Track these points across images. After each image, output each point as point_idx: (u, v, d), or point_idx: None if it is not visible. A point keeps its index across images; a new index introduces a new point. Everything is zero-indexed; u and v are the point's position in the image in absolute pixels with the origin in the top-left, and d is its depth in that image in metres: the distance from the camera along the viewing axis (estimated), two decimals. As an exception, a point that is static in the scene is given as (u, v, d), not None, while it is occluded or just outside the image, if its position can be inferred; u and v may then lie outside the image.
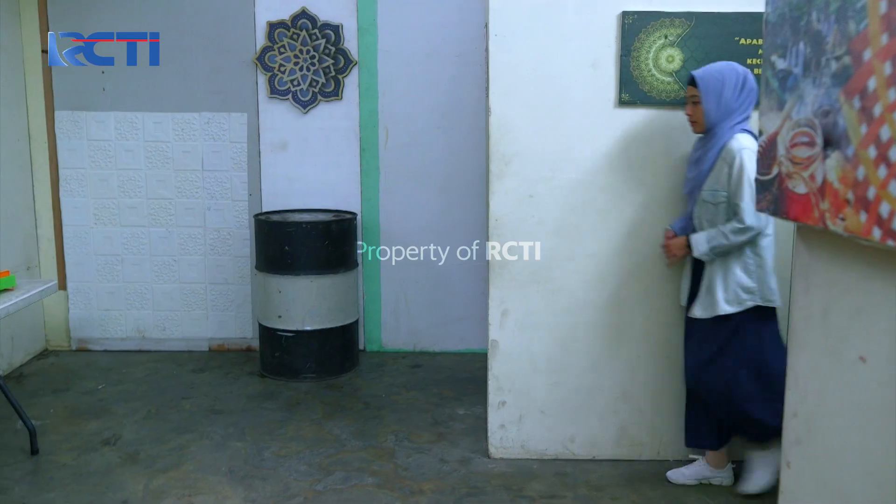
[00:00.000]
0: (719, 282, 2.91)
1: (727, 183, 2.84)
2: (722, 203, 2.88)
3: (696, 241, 2.94)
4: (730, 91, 2.86)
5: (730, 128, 2.87)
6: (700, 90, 2.89)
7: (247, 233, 4.80)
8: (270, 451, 3.50)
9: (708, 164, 2.91)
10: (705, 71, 2.91)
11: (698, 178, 2.96)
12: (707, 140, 2.95)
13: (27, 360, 4.73)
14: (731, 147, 2.84)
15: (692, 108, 2.95)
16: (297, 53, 4.64)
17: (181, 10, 4.63)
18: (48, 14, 4.64)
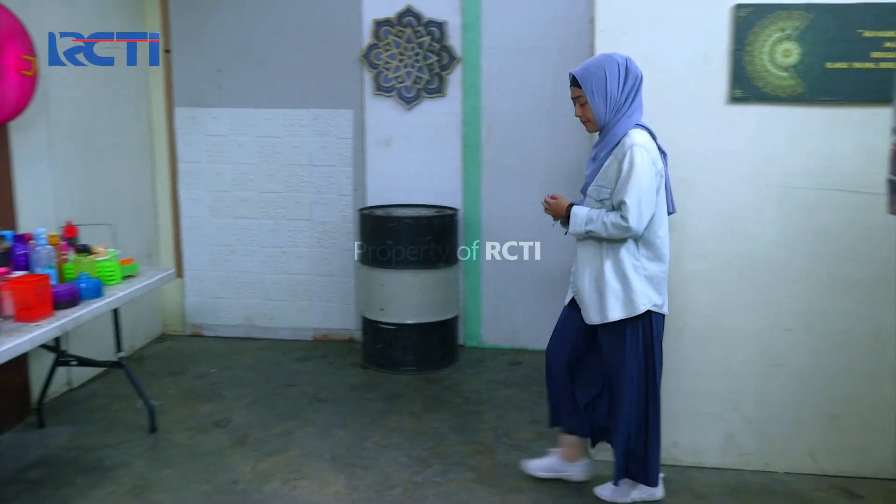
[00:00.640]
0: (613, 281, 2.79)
1: (614, 179, 2.72)
2: (605, 200, 2.78)
3: (576, 216, 2.83)
4: (613, 83, 2.72)
5: (624, 124, 2.74)
6: (584, 89, 2.76)
7: (351, 227, 4.92)
8: (371, 441, 3.58)
9: (600, 162, 2.81)
10: (584, 68, 2.77)
11: (591, 175, 2.86)
12: (602, 138, 2.83)
13: (147, 344, 5.01)
14: (624, 143, 2.72)
15: (580, 110, 2.82)
16: (401, 51, 4.71)
17: (292, 10, 4.78)
18: (169, 14, 4.88)
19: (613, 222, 2.71)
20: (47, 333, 2.70)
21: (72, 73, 4.07)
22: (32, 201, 3.84)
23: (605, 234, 2.74)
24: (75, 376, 4.21)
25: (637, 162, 2.65)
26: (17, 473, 3.26)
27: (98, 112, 4.40)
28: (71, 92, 4.11)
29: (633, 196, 2.66)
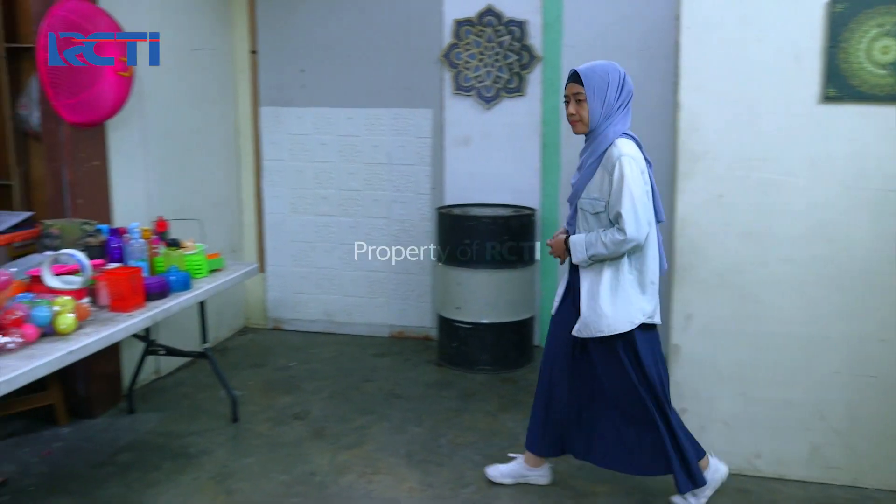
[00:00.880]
0: (607, 296, 2.74)
1: (608, 192, 2.70)
2: (601, 213, 2.74)
3: (575, 246, 2.80)
4: (613, 91, 2.72)
5: (612, 131, 2.72)
6: (585, 87, 2.72)
7: (429, 225, 4.95)
8: (446, 439, 3.60)
9: (588, 172, 2.77)
10: (590, 68, 2.75)
11: (579, 185, 2.82)
12: (589, 144, 2.80)
13: (230, 336, 5.17)
14: (611, 154, 2.70)
15: (576, 107, 2.76)
16: (481, 50, 4.71)
17: (375, 11, 4.85)
18: (256, 17, 5.03)
19: (612, 239, 2.68)
20: (139, 323, 2.82)
21: (165, 74, 4.24)
22: (127, 197, 4.01)
23: (608, 252, 2.71)
24: (163, 365, 4.39)
25: (626, 172, 2.65)
26: (108, 456, 3.41)
27: (188, 112, 4.57)
28: (164, 93, 4.27)
29: (627, 206, 2.65)
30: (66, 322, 2.51)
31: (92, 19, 3.51)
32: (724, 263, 3.12)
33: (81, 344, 2.49)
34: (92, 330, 2.61)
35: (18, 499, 3.04)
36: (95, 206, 3.75)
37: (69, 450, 3.48)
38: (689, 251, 3.15)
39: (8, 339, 2.34)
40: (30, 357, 2.33)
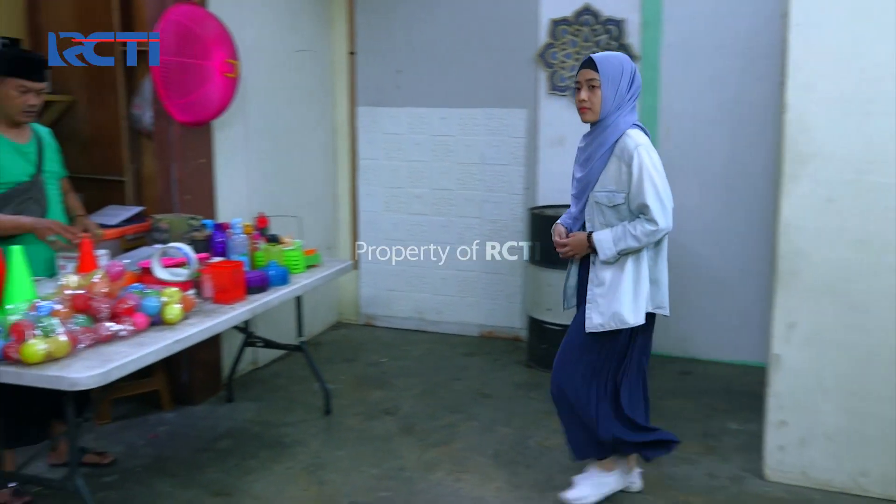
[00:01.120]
0: (629, 288, 2.72)
1: (627, 184, 2.67)
2: (621, 205, 2.71)
3: (602, 243, 2.71)
4: (625, 81, 2.70)
5: (623, 122, 2.70)
6: (600, 74, 2.67)
7: (521, 226, 4.94)
8: (534, 441, 3.58)
9: (599, 163, 2.73)
10: (605, 56, 2.72)
11: (589, 177, 2.76)
12: (596, 135, 2.76)
13: (323, 330, 5.30)
14: (627, 145, 2.67)
15: (588, 93, 2.71)
16: (578, 50, 4.66)
17: (471, 12, 4.87)
18: (355, 19, 5.13)
19: (644, 230, 2.65)
20: (240, 316, 2.92)
21: (267, 76, 4.39)
22: (230, 193, 4.17)
23: (640, 244, 2.67)
24: (260, 356, 4.54)
25: (646, 162, 2.63)
26: (208, 442, 3.55)
27: (288, 112, 4.70)
28: (266, 93, 4.42)
29: (652, 196, 2.63)
30: (174, 312, 2.63)
31: (202, 22, 3.67)
32: (831, 271, 2.98)
33: (187, 333, 2.60)
34: (196, 320, 2.72)
35: (125, 478, 3.21)
36: (201, 202, 3.91)
37: (172, 434, 3.64)
38: (794, 256, 3.02)
39: (121, 327, 2.47)
40: (140, 344, 2.45)
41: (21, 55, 2.98)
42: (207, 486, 3.16)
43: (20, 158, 2.95)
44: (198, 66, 3.65)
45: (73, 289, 2.48)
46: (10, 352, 2.21)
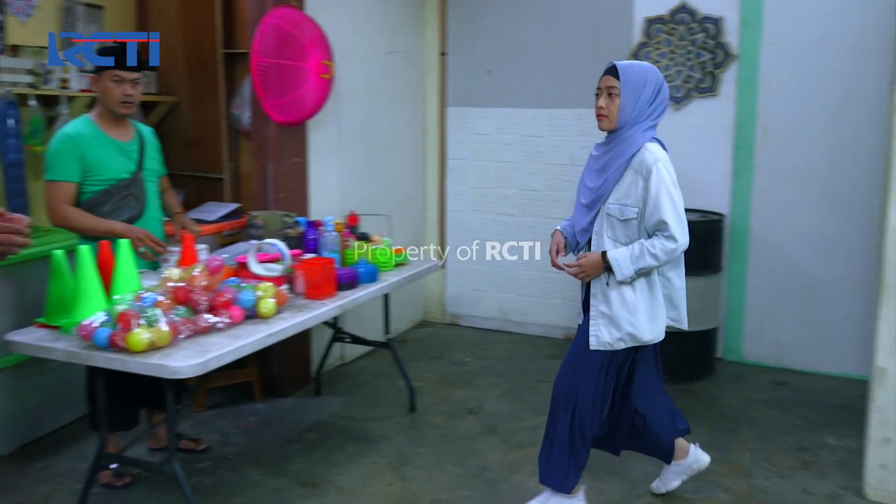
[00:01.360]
0: (648, 304, 2.66)
1: (642, 198, 2.58)
2: (632, 220, 2.61)
3: (619, 263, 2.59)
4: (648, 94, 2.59)
5: (640, 134, 2.60)
6: (621, 83, 2.58)
7: (609, 228, 4.86)
8: (619, 447, 3.53)
9: (615, 175, 2.62)
10: (629, 64, 2.62)
11: (604, 188, 2.65)
12: (613, 145, 2.66)
13: (409, 328, 5.36)
14: (646, 159, 2.56)
15: (606, 101, 2.62)
16: (672, 49, 4.56)
17: (563, 11, 4.83)
18: (447, 19, 5.16)
19: (664, 248, 2.56)
20: (330, 311, 2.99)
21: (360, 77, 4.47)
22: (322, 191, 4.27)
23: (658, 263, 2.58)
24: (347, 352, 4.63)
25: (665, 177, 2.55)
26: (297, 434, 3.65)
27: (379, 112, 4.78)
28: (358, 94, 4.50)
29: (670, 212, 2.54)
30: (268, 306, 2.71)
31: (300, 25, 3.77)
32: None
33: (280, 327, 2.68)
34: (289, 315, 2.80)
35: (218, 465, 3.33)
36: (295, 200, 4.02)
37: (263, 424, 3.76)
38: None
39: (218, 319, 2.56)
40: (236, 336, 2.54)
41: (112, 47, 3.06)
42: (295, 476, 3.24)
43: (122, 156, 3.08)
44: (295, 68, 3.75)
45: (175, 281, 2.59)
46: (117, 339, 2.33)
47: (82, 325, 2.40)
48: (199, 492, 3.06)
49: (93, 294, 2.53)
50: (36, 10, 3.80)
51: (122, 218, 3.03)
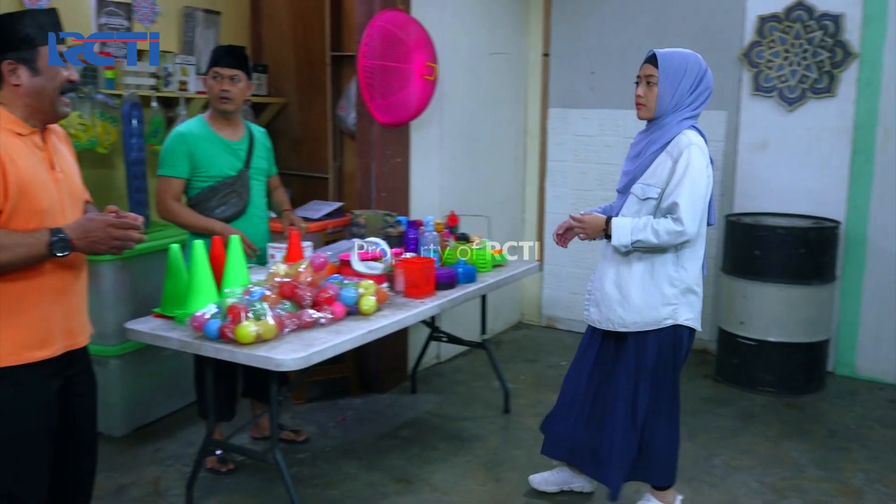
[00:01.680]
0: (652, 291, 2.61)
1: (666, 178, 2.54)
2: (651, 200, 2.58)
3: (619, 228, 2.59)
4: (688, 83, 2.56)
5: (677, 123, 2.57)
6: (660, 71, 2.56)
7: (714, 233, 4.71)
8: (721, 459, 3.42)
9: (648, 159, 2.60)
10: (669, 53, 2.59)
11: (636, 171, 2.63)
12: (650, 132, 2.64)
13: (505, 330, 5.35)
14: (680, 142, 2.54)
15: (645, 89, 2.61)
16: (787, 48, 4.37)
17: (671, 11, 4.71)
18: (550, 20, 5.13)
19: (667, 228, 2.51)
20: (428, 310, 3.02)
21: (463, 78, 4.50)
22: (423, 191, 4.32)
23: (657, 241, 2.54)
24: (443, 351, 4.67)
25: (694, 162, 2.50)
26: (392, 430, 3.71)
27: (481, 113, 4.79)
28: (461, 95, 4.53)
29: (686, 197, 2.49)
30: (369, 304, 2.77)
31: (405, 28, 3.83)
32: None
33: (380, 325, 2.73)
34: (389, 312, 2.85)
35: (316, 456, 3.42)
36: (396, 199, 4.09)
37: (359, 419, 3.84)
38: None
39: (321, 315, 2.63)
40: (337, 332, 2.61)
41: (220, 46, 3.22)
42: (390, 471, 3.30)
43: (229, 154, 3.19)
44: (400, 70, 3.81)
45: (282, 277, 2.68)
46: (227, 331, 2.43)
47: (195, 316, 2.51)
48: (298, 481, 3.15)
49: (205, 287, 2.65)
50: (159, 17, 4.01)
51: (226, 213, 3.15)
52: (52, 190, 1.96)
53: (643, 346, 2.69)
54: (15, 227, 1.87)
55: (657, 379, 2.71)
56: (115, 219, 1.95)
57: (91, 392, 2.20)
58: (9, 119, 1.91)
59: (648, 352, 2.69)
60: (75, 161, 2.16)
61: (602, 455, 2.80)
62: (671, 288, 2.63)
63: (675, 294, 2.63)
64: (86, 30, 3.66)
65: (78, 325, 2.10)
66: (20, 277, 1.90)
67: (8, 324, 1.91)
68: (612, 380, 2.78)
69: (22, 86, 1.92)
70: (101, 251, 1.96)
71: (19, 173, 1.86)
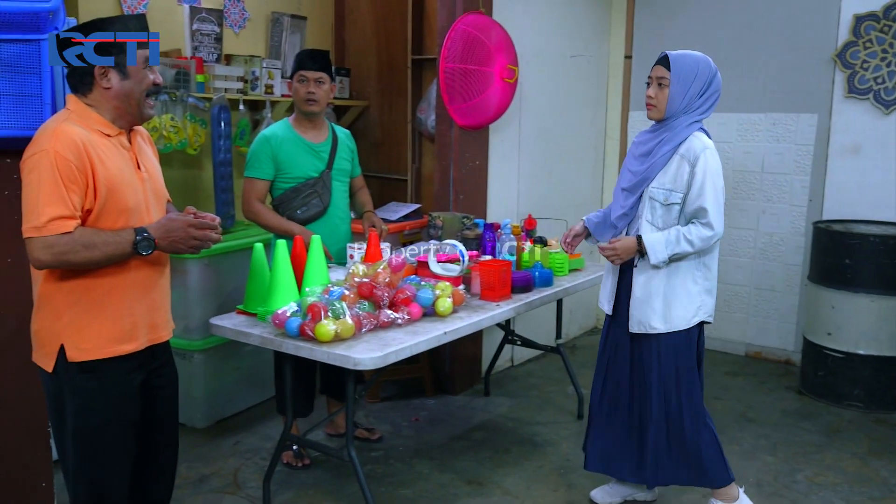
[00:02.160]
0: (679, 290, 2.66)
1: (686, 184, 2.60)
2: (675, 205, 2.63)
3: (653, 246, 2.61)
4: (698, 84, 2.62)
5: (687, 125, 2.63)
6: (671, 73, 2.62)
7: (801, 240, 4.55)
8: (803, 475, 3.30)
9: (661, 160, 2.63)
10: (680, 55, 2.65)
11: (648, 171, 2.66)
12: (660, 133, 2.68)
13: (580, 334, 5.30)
14: (694, 146, 2.60)
15: (656, 90, 2.66)
16: (885, 48, 4.19)
17: (760, 11, 4.57)
18: (633, 22, 5.05)
19: (700, 235, 2.58)
20: (504, 314, 3.02)
21: (543, 81, 4.48)
22: (501, 194, 4.32)
23: (693, 249, 2.60)
24: (517, 354, 4.66)
25: (711, 165, 2.59)
26: (464, 431, 3.72)
27: (560, 116, 4.76)
28: (541, 97, 4.51)
29: (711, 200, 2.58)
30: (445, 305, 2.79)
31: (487, 31, 3.84)
32: None
33: (455, 326, 2.74)
34: (464, 314, 2.87)
35: (389, 455, 3.46)
36: (474, 202, 4.10)
37: (432, 420, 3.87)
38: None
39: (398, 315, 2.67)
40: (414, 333, 2.63)
41: (304, 50, 3.29)
42: (462, 473, 3.31)
43: (312, 156, 3.26)
44: (480, 73, 3.82)
45: (360, 277, 2.72)
46: (306, 329, 2.48)
47: (276, 313, 2.58)
48: (371, 479, 3.20)
49: (286, 285, 2.72)
50: (248, 22, 4.14)
51: (307, 214, 3.23)
52: (138, 189, 2.05)
53: (671, 345, 2.72)
54: (103, 225, 1.96)
55: (683, 377, 2.75)
56: (194, 219, 2.04)
57: (173, 385, 2.29)
58: (98, 121, 2.01)
59: (677, 351, 2.73)
60: (158, 161, 2.26)
61: (643, 458, 2.82)
62: (695, 286, 2.71)
63: (698, 293, 2.72)
64: (180, 35, 3.81)
65: (161, 320, 2.19)
66: (107, 274, 2.00)
67: (95, 318, 2.00)
68: (643, 383, 2.79)
69: (112, 88, 2.01)
70: (181, 250, 2.05)
71: (108, 173, 1.95)
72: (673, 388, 2.74)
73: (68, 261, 1.90)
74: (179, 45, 3.83)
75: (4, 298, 2.37)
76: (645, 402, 2.79)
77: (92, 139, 1.95)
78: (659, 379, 2.74)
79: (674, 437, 2.76)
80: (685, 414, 2.74)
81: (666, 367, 2.73)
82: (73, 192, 1.89)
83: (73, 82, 2.02)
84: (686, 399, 2.74)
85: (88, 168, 1.91)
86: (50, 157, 1.86)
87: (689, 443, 2.75)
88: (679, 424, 2.75)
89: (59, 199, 1.87)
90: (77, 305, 1.99)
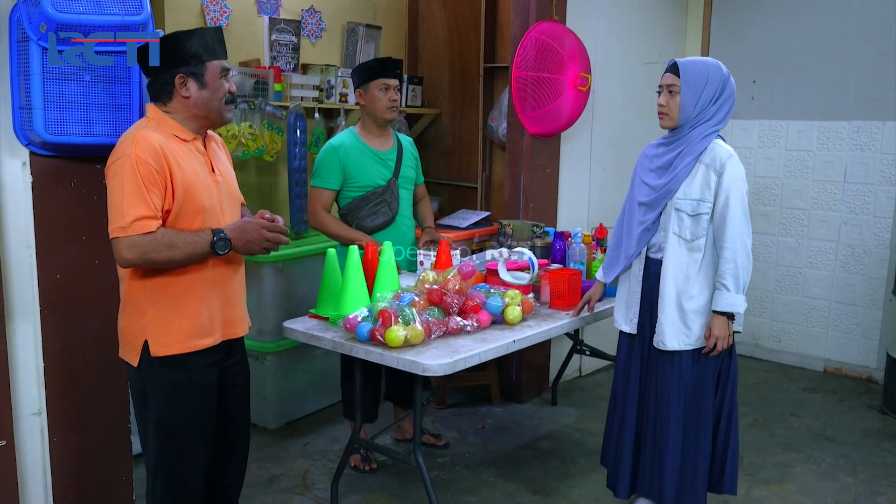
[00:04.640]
0: (702, 309, 2.65)
1: (715, 192, 2.55)
2: (703, 215, 2.57)
3: (734, 306, 2.59)
4: (710, 92, 2.56)
5: (703, 136, 2.57)
6: (681, 80, 2.56)
7: (886, 253, 4.38)
8: (885, 498, 3.17)
9: (685, 171, 2.58)
10: (690, 62, 2.59)
11: (672, 184, 2.60)
12: (676, 145, 2.63)
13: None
14: (719, 154, 2.56)
15: (667, 98, 2.61)
16: (978, 54, 4.00)
17: (842, 13, 4.42)
18: (710, 28, 4.95)
19: (741, 258, 2.55)
20: (573, 323, 3.00)
21: (616, 88, 4.43)
22: (571, 202, 4.29)
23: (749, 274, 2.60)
24: (585, 364, 4.61)
25: (738, 174, 2.55)
26: (531, 441, 3.71)
27: (632, 123, 4.69)
28: (613, 105, 4.46)
29: (739, 209, 2.54)
30: (514, 313, 2.79)
31: (560, 38, 3.83)
32: None
33: (524, 335, 2.74)
34: (534, 323, 2.86)
35: (455, 462, 3.47)
36: (544, 210, 4.08)
37: (498, 428, 3.86)
38: None
39: (467, 322, 2.68)
40: (483, 340, 2.64)
41: (376, 59, 3.33)
42: (527, 482, 3.29)
43: (379, 165, 3.29)
44: (553, 81, 3.81)
45: (431, 284, 2.75)
46: (377, 334, 2.52)
47: (347, 318, 2.62)
48: (437, 485, 3.21)
49: (358, 290, 2.76)
50: (324, 32, 4.23)
51: (376, 222, 3.26)
52: (213, 191, 2.16)
53: (693, 360, 2.71)
54: (181, 226, 2.07)
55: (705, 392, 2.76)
56: (267, 222, 2.16)
57: (246, 380, 2.39)
58: (174, 127, 2.12)
59: (701, 364, 2.73)
60: (231, 166, 2.36)
61: (661, 474, 2.75)
62: None
63: None
64: (259, 45, 3.93)
65: (236, 316, 2.29)
66: (186, 272, 2.11)
67: (175, 315, 2.11)
68: (662, 399, 2.74)
69: (191, 97, 2.11)
70: (255, 251, 2.16)
71: (184, 175, 2.06)
72: (691, 402, 2.75)
73: (152, 259, 2.00)
74: (258, 55, 3.95)
75: (91, 299, 2.47)
76: (662, 419, 2.75)
77: (169, 144, 2.06)
78: (678, 394, 2.72)
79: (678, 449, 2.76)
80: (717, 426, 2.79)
81: (688, 382, 2.73)
82: (154, 193, 1.99)
83: (153, 91, 2.14)
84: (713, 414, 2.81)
85: (167, 170, 2.02)
86: (131, 161, 1.97)
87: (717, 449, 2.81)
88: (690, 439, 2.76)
89: (141, 200, 1.97)
90: (159, 303, 2.10)
